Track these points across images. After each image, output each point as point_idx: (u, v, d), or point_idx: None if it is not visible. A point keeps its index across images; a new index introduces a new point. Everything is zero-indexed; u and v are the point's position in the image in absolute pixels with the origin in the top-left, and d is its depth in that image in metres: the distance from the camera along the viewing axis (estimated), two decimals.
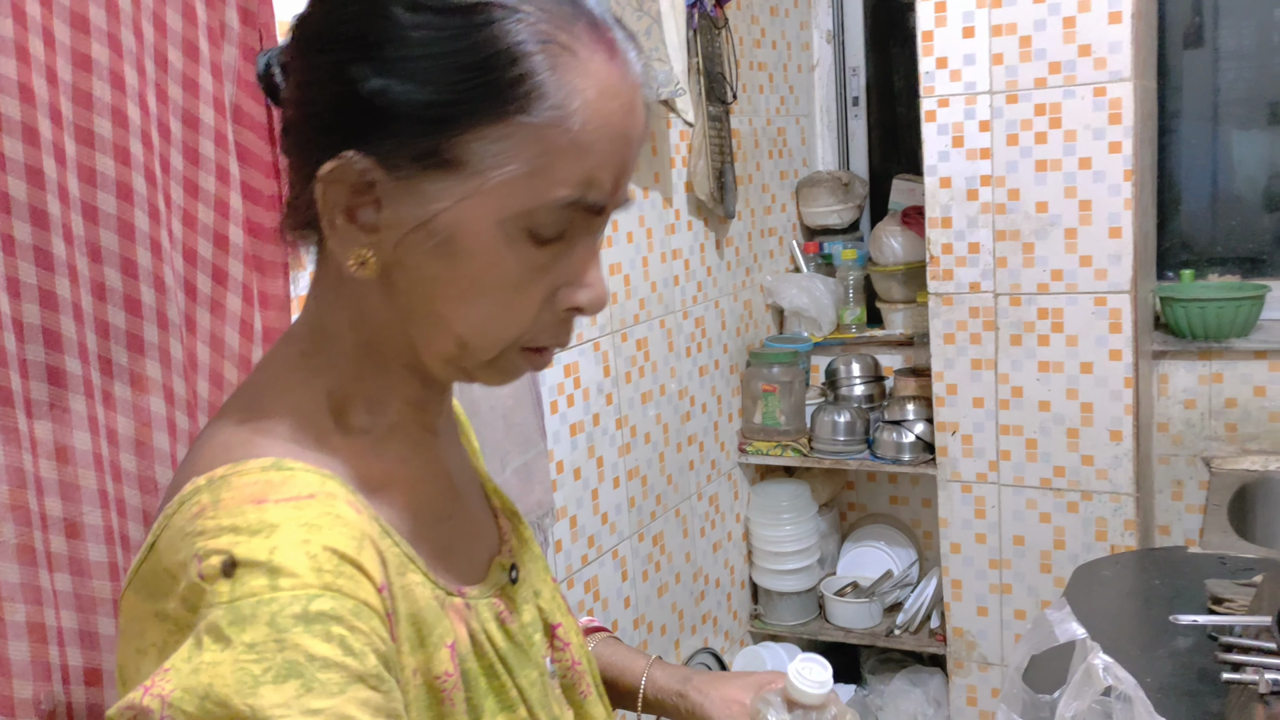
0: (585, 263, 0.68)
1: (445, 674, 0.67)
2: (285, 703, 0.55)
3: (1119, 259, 2.19)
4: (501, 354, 0.68)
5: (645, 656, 1.02)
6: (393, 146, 0.63)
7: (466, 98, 0.61)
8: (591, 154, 0.64)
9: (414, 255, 0.65)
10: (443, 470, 0.77)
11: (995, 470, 2.39)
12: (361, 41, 0.63)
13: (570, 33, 0.63)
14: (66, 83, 1.07)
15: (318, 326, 0.72)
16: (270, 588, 0.57)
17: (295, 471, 0.64)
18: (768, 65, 2.80)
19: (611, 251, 2.14)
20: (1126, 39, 2.13)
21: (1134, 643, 1.54)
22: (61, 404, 1.08)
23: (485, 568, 0.78)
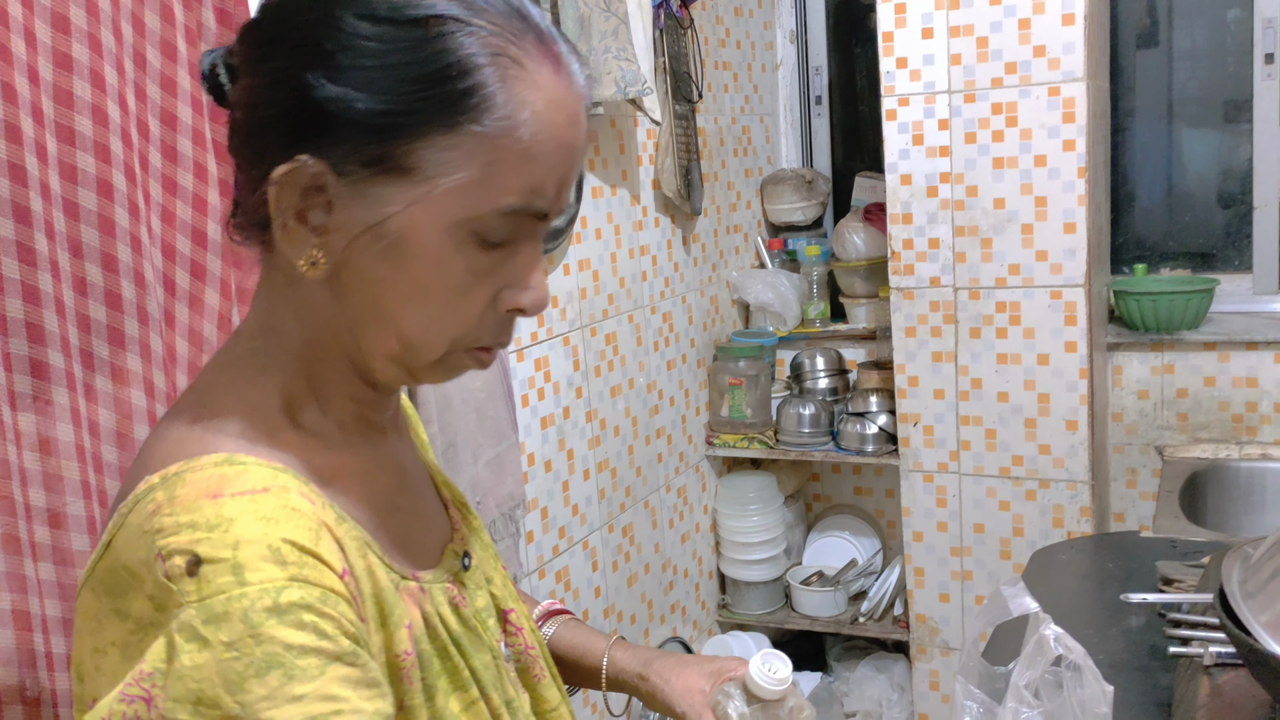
0: (528, 266, 0.71)
1: (405, 653, 0.69)
2: (270, 694, 0.58)
3: (1073, 254, 2.26)
4: (446, 354, 0.71)
5: (606, 637, 1.04)
6: (345, 152, 0.65)
7: (419, 107, 0.64)
8: (538, 163, 0.67)
9: (363, 257, 0.67)
10: (393, 463, 0.79)
11: (956, 460, 2.45)
12: (317, 50, 0.64)
13: (520, 46, 0.66)
14: (48, 82, 1.09)
15: (266, 325, 0.73)
16: (238, 583, 0.59)
17: (248, 466, 0.65)
18: (732, 64, 2.85)
19: (580, 248, 2.18)
20: (1079, 40, 2.19)
21: (1088, 622, 1.60)
22: (44, 396, 1.10)
23: (438, 555, 0.80)
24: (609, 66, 2.00)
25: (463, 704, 0.74)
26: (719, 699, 0.95)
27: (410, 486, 0.81)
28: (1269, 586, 1.06)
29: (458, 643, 0.75)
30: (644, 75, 2.04)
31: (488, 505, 1.82)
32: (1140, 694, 1.37)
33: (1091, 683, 0.97)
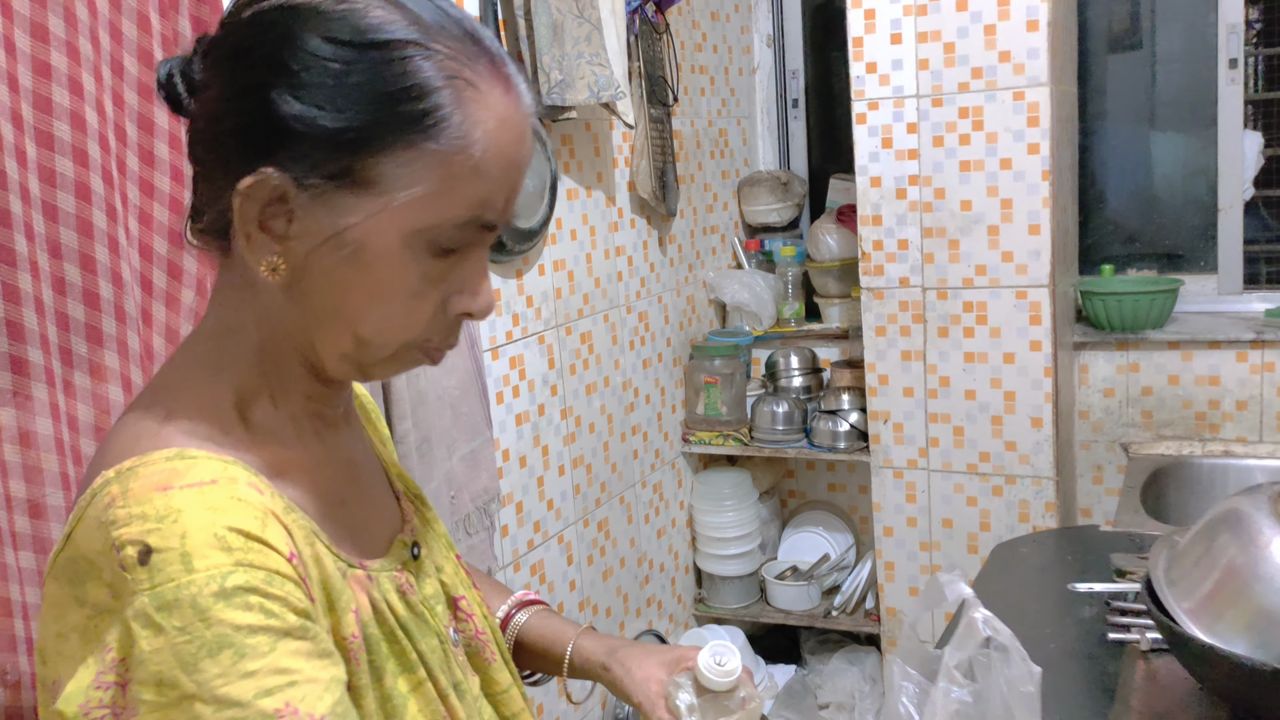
0: (476, 274, 0.75)
1: (351, 636, 0.73)
2: (224, 672, 0.62)
3: (1038, 254, 2.31)
4: (398, 352, 0.76)
5: (575, 626, 1.06)
6: (308, 165, 0.69)
7: (379, 125, 0.68)
8: (488, 178, 0.71)
9: (324, 263, 0.71)
10: (342, 458, 0.83)
11: (925, 456, 2.50)
12: (282, 68, 0.68)
13: (474, 69, 0.70)
14: (27, 89, 1.14)
15: (223, 326, 0.77)
16: (186, 571, 0.63)
17: (197, 460, 0.69)
18: (709, 69, 2.90)
19: (555, 249, 2.23)
20: (1043, 46, 2.24)
21: (1043, 612, 1.65)
22: (25, 392, 1.14)
23: (387, 545, 0.84)
24: (582, 71, 2.05)
25: (410, 684, 0.78)
26: (670, 689, 0.98)
27: (359, 480, 0.84)
28: (1191, 574, 1.11)
29: (405, 627, 0.79)
30: (617, 80, 2.09)
31: (462, 499, 1.87)
32: (1088, 680, 1.42)
33: (1018, 663, 1.02)
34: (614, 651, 1.03)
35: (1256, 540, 1.06)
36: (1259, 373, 2.46)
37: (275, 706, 0.62)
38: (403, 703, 0.77)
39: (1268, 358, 2.45)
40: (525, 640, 1.07)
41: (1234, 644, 1.05)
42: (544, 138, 2.09)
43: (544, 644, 1.06)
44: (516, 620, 1.08)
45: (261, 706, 0.62)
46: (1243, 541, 1.08)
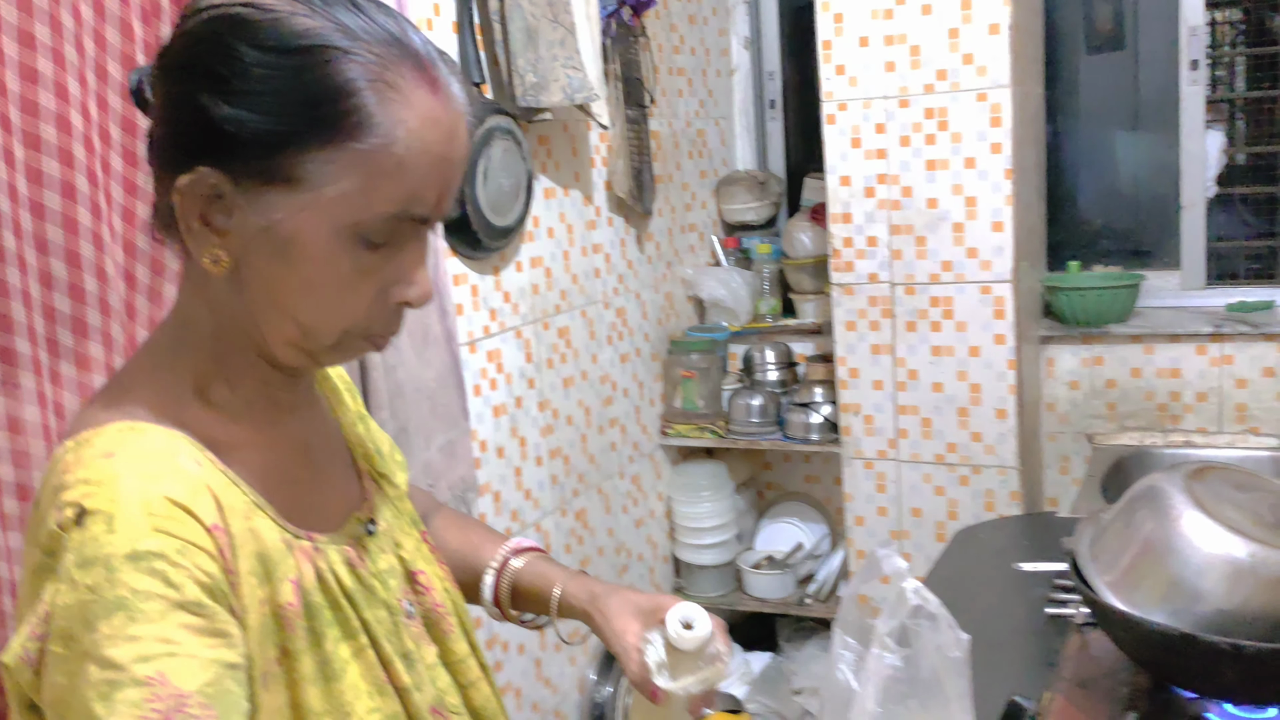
0: (413, 264, 0.80)
1: (288, 604, 0.78)
2: (114, 633, 0.66)
3: (1001, 250, 2.38)
4: (340, 340, 0.80)
5: (565, 571, 1.09)
6: (240, 164, 0.74)
7: (304, 126, 0.73)
8: (414, 174, 0.75)
9: (258, 256, 0.76)
10: (296, 440, 0.87)
11: (894, 447, 2.57)
12: (214, 75, 0.73)
13: (396, 71, 0.74)
14: (15, 93, 1.20)
15: (183, 316, 0.83)
16: (108, 532, 0.68)
17: (147, 431, 0.75)
18: (687, 70, 2.97)
19: (532, 245, 2.29)
20: (1005, 48, 2.31)
21: (996, 592, 1.72)
22: (13, 381, 1.20)
23: (341, 521, 0.89)
24: (556, 74, 2.12)
25: (352, 650, 0.83)
26: (643, 644, 1.01)
27: (314, 461, 0.89)
28: (1112, 548, 1.18)
29: (350, 596, 0.84)
30: (591, 82, 2.15)
31: (440, 488, 1.94)
32: (1033, 654, 1.49)
33: (946, 630, 1.08)
34: (595, 599, 1.05)
35: (1170, 514, 1.13)
36: (1218, 365, 2.53)
37: (148, 674, 0.65)
38: (342, 666, 0.81)
39: (1226, 351, 2.52)
40: (519, 585, 1.09)
41: (1151, 613, 1.11)
42: (519, 138, 2.16)
43: (535, 587, 1.08)
44: (512, 565, 1.10)
45: (135, 672, 0.65)
46: (1159, 516, 1.14)
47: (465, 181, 2.01)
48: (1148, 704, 1.15)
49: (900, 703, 1.09)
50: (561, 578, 1.07)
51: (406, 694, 0.86)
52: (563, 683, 2.42)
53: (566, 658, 2.44)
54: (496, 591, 1.10)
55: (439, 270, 1.88)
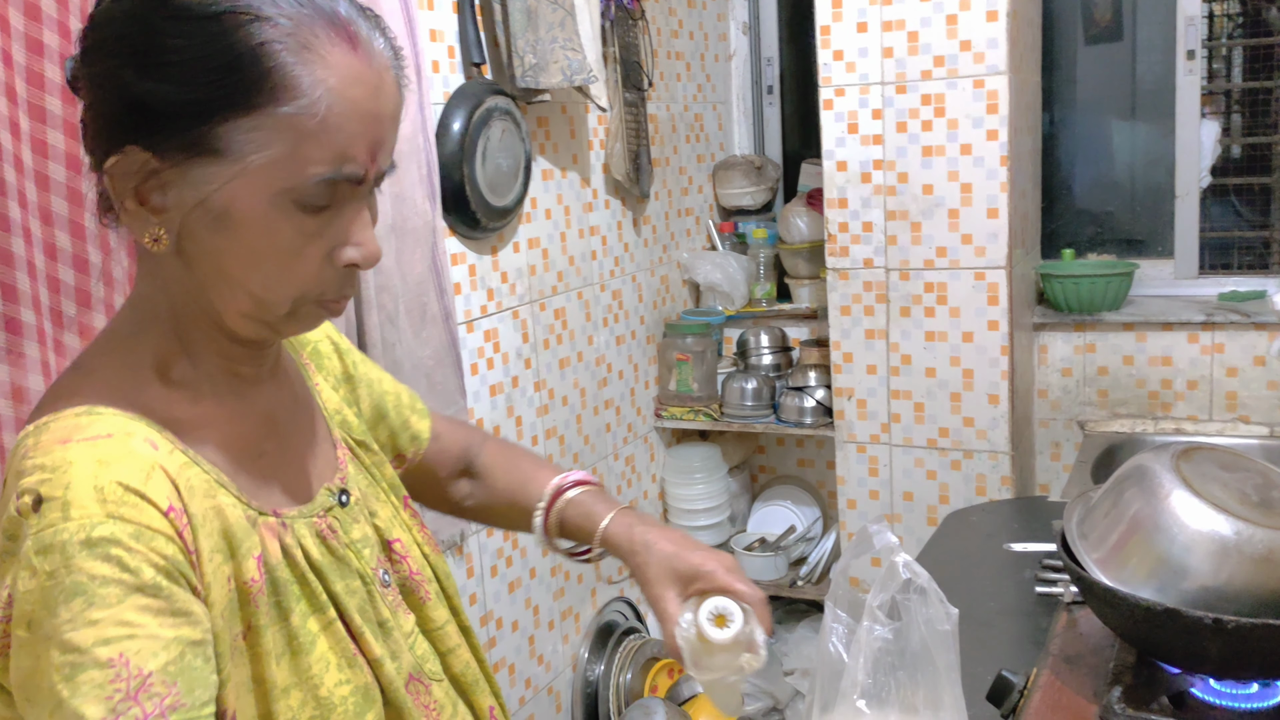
0: (356, 225, 0.79)
1: (252, 580, 0.78)
2: (73, 618, 0.67)
3: (996, 237, 2.40)
4: (294, 308, 0.80)
5: (609, 508, 1.07)
6: (165, 139, 0.73)
7: (222, 94, 0.72)
8: (340, 134, 0.74)
9: (198, 230, 0.76)
10: (261, 413, 0.87)
11: (887, 432, 2.59)
12: (130, 50, 0.73)
13: (311, 32, 0.73)
14: (21, 65, 1.21)
15: (142, 297, 0.83)
16: (63, 519, 0.68)
17: (103, 415, 0.75)
18: (685, 54, 2.98)
19: (529, 227, 2.31)
20: (1002, 36, 2.33)
21: (986, 573, 1.74)
22: (17, 350, 1.22)
23: (312, 492, 0.89)
24: (555, 56, 2.13)
25: (321, 624, 0.83)
26: (680, 623, 0.98)
27: (281, 433, 0.89)
28: (1101, 526, 1.20)
29: (318, 570, 0.84)
30: (590, 64, 2.16)
31: None
32: (1022, 632, 1.51)
33: (936, 604, 1.10)
34: (634, 550, 1.03)
35: (1158, 493, 1.15)
36: (1209, 354, 2.55)
37: (109, 656, 0.67)
38: (310, 640, 0.82)
39: (1218, 339, 2.54)
40: (566, 524, 1.09)
41: (1138, 589, 1.13)
42: (518, 119, 2.17)
43: (580, 529, 1.08)
44: (557, 506, 1.10)
45: (97, 654, 0.67)
46: (1146, 495, 1.16)
47: (464, 160, 2.02)
48: (1132, 678, 1.17)
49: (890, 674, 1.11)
50: (601, 519, 1.06)
51: (379, 665, 0.86)
52: (556, 660, 2.45)
53: (560, 636, 2.47)
54: (546, 531, 1.11)
55: (437, 249, 1.90)
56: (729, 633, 0.97)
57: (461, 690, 0.98)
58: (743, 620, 0.98)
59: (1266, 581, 1.08)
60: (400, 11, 1.77)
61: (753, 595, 1.00)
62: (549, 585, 2.41)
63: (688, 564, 1.00)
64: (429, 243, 1.87)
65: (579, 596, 2.53)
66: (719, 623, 0.98)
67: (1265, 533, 1.09)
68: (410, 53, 1.79)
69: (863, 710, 1.10)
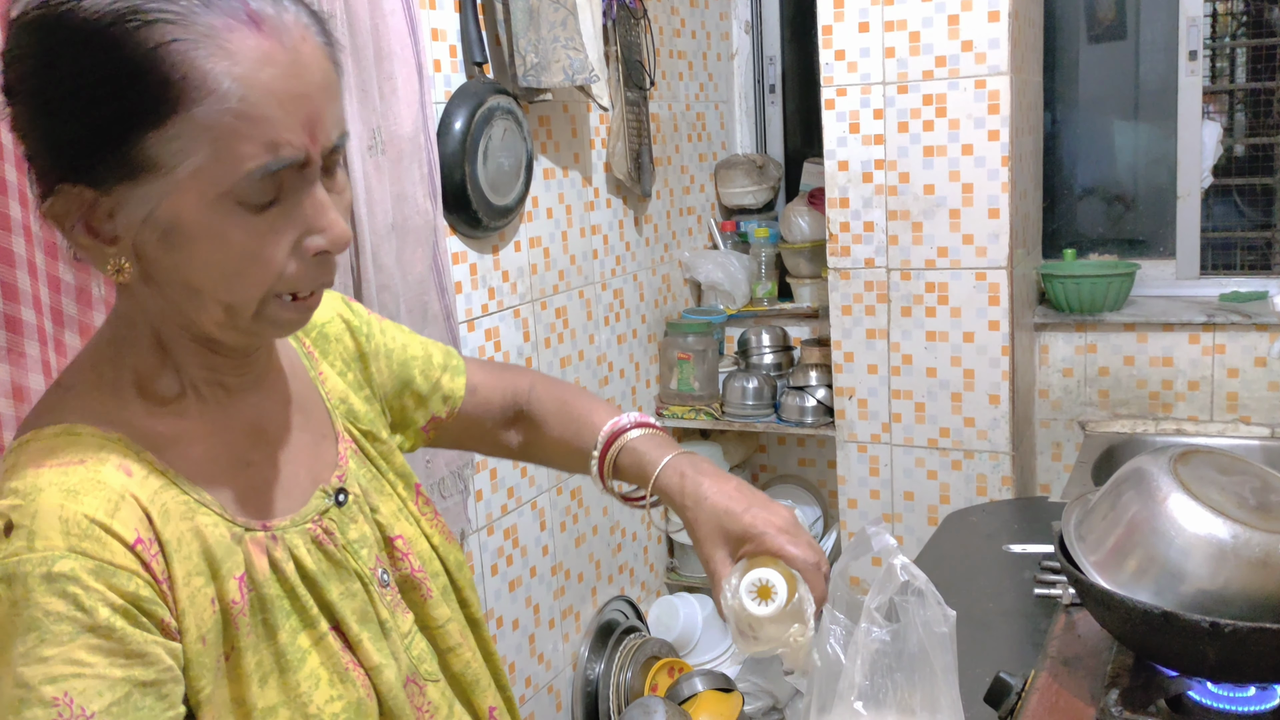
0: (315, 211, 0.75)
1: (233, 601, 0.77)
2: (26, 652, 0.67)
3: (997, 237, 2.40)
4: (262, 308, 0.77)
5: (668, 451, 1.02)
6: (88, 170, 0.71)
7: (128, 112, 0.68)
8: (266, 121, 0.70)
9: (152, 250, 0.74)
10: (246, 423, 0.86)
11: (888, 431, 2.59)
12: (31, 90, 0.70)
13: (205, 23, 0.69)
14: None
15: (120, 317, 0.82)
16: (28, 548, 0.68)
17: (81, 436, 0.74)
18: (687, 54, 2.98)
19: (531, 226, 2.31)
20: (1004, 36, 2.32)
21: (986, 574, 1.75)
22: (18, 349, 1.22)
23: (305, 497, 0.87)
24: (557, 55, 2.13)
25: (312, 639, 0.82)
26: (725, 586, 0.94)
27: (269, 441, 0.87)
28: (1099, 529, 1.20)
29: (311, 581, 0.83)
30: (591, 64, 2.17)
31: (437, 464, 1.96)
32: (1021, 634, 1.51)
33: (934, 606, 1.10)
34: (685, 507, 0.98)
35: (1156, 496, 1.15)
36: (1210, 354, 2.55)
37: (54, 694, 0.67)
38: (300, 657, 0.81)
39: (1219, 340, 2.54)
40: (621, 466, 1.05)
41: (1135, 592, 1.14)
42: (520, 118, 2.17)
43: (632, 472, 1.04)
44: (610, 454, 1.05)
45: (43, 692, 0.67)
46: (1144, 498, 1.16)
47: (465, 159, 2.02)
48: (1130, 681, 1.17)
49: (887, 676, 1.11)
50: (658, 465, 1.01)
51: (377, 673, 0.85)
52: (556, 658, 2.45)
53: (560, 634, 2.47)
54: (602, 477, 1.07)
55: (438, 248, 1.90)
56: (771, 608, 0.92)
57: (460, 690, 0.97)
58: (786, 593, 0.92)
59: (1264, 585, 1.08)
60: (402, 10, 1.78)
61: (805, 560, 0.94)
62: (549, 584, 2.42)
63: (738, 524, 0.95)
64: (430, 242, 1.87)
65: (579, 595, 2.54)
66: (762, 594, 0.92)
67: (1262, 536, 1.09)
68: (412, 51, 1.80)
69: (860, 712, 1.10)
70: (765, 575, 0.92)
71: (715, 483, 0.98)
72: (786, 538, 0.94)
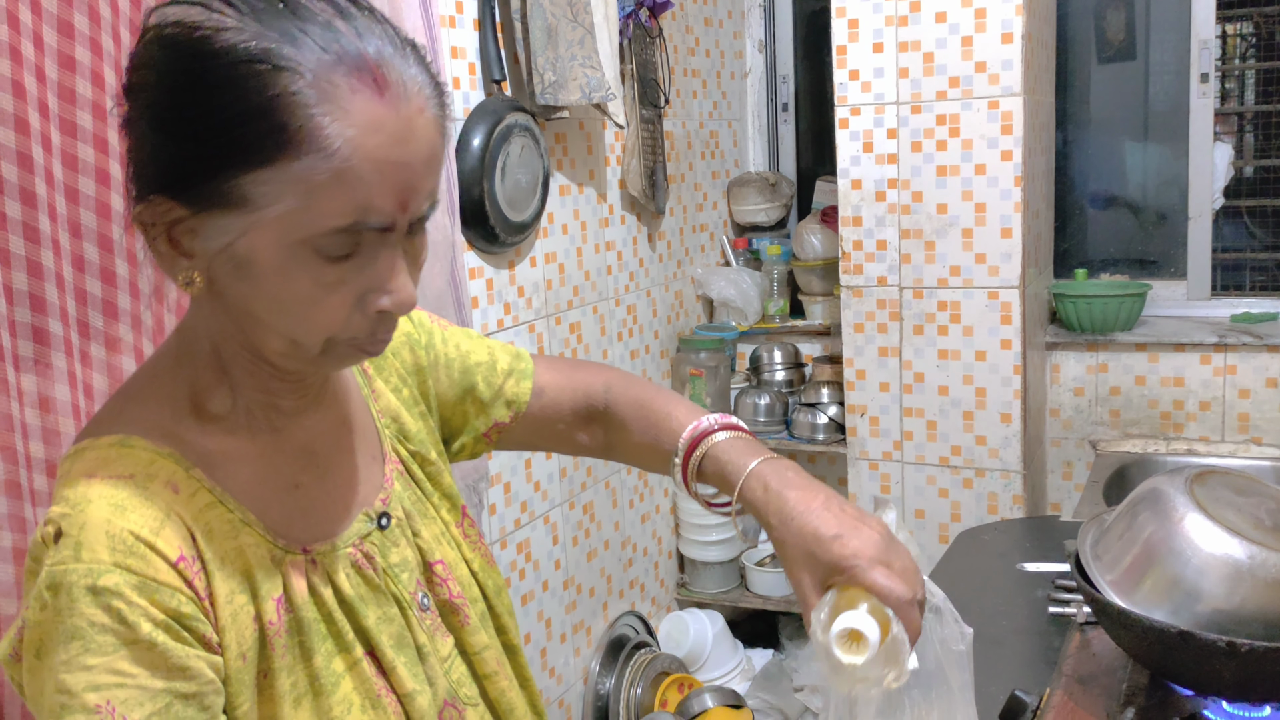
0: (387, 272, 0.76)
1: (270, 622, 0.79)
2: (69, 660, 0.69)
3: (1009, 257, 2.41)
4: (326, 348, 0.78)
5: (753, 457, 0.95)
6: (185, 189, 0.73)
7: (235, 148, 0.70)
8: (361, 184, 0.71)
9: (223, 276, 0.76)
10: (297, 446, 0.87)
11: (899, 449, 2.60)
12: (150, 102, 0.72)
13: (330, 80, 0.70)
14: (53, 80, 1.23)
15: (185, 329, 0.84)
16: (74, 559, 0.71)
17: (134, 450, 0.76)
18: (701, 72, 3.00)
19: (547, 241, 2.32)
20: (1017, 57, 2.34)
21: (999, 592, 1.75)
22: (45, 360, 1.24)
23: (348, 521, 0.87)
24: (575, 73, 2.15)
25: (346, 664, 0.83)
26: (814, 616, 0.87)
27: (319, 464, 0.88)
28: (1115, 548, 1.21)
29: (349, 606, 0.84)
30: (608, 82, 2.18)
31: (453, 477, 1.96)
32: (1035, 653, 1.52)
33: (951, 623, 1.11)
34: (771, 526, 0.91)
35: (1172, 516, 1.16)
36: (1221, 375, 2.56)
37: (97, 702, 0.69)
38: (334, 681, 0.82)
39: (1230, 361, 2.54)
40: (703, 472, 0.99)
41: (1151, 611, 1.14)
42: (537, 135, 2.19)
43: (715, 478, 0.99)
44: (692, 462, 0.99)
45: (85, 699, 0.69)
46: (1161, 518, 1.17)
47: (484, 176, 2.04)
48: (1145, 700, 1.18)
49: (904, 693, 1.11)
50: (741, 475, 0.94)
51: (409, 700, 0.85)
52: (567, 673, 2.45)
53: (572, 649, 2.47)
54: (685, 482, 1.01)
55: (456, 264, 1.92)
56: (860, 658, 0.84)
57: (499, 716, 0.97)
58: (880, 637, 0.84)
59: None
60: (423, 29, 1.80)
61: (900, 597, 0.85)
62: (561, 598, 2.42)
63: (828, 553, 0.86)
64: (448, 257, 1.88)
65: (591, 610, 2.54)
66: (853, 639, 0.84)
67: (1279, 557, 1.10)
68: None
69: None
70: (855, 622, 0.83)
71: (802, 497, 0.90)
72: (880, 571, 0.86)
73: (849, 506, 0.93)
